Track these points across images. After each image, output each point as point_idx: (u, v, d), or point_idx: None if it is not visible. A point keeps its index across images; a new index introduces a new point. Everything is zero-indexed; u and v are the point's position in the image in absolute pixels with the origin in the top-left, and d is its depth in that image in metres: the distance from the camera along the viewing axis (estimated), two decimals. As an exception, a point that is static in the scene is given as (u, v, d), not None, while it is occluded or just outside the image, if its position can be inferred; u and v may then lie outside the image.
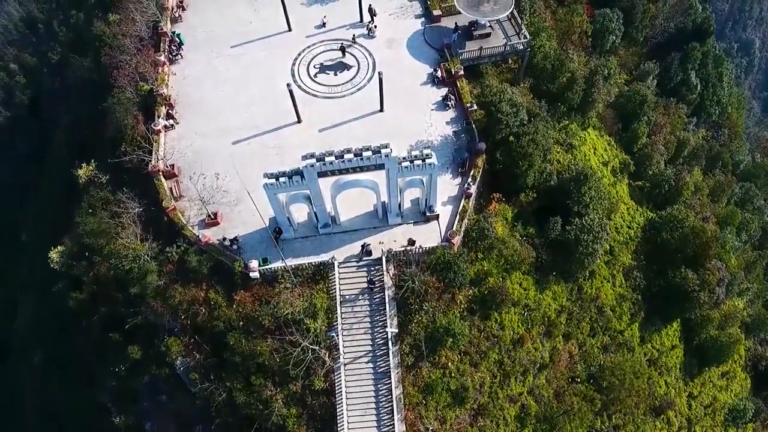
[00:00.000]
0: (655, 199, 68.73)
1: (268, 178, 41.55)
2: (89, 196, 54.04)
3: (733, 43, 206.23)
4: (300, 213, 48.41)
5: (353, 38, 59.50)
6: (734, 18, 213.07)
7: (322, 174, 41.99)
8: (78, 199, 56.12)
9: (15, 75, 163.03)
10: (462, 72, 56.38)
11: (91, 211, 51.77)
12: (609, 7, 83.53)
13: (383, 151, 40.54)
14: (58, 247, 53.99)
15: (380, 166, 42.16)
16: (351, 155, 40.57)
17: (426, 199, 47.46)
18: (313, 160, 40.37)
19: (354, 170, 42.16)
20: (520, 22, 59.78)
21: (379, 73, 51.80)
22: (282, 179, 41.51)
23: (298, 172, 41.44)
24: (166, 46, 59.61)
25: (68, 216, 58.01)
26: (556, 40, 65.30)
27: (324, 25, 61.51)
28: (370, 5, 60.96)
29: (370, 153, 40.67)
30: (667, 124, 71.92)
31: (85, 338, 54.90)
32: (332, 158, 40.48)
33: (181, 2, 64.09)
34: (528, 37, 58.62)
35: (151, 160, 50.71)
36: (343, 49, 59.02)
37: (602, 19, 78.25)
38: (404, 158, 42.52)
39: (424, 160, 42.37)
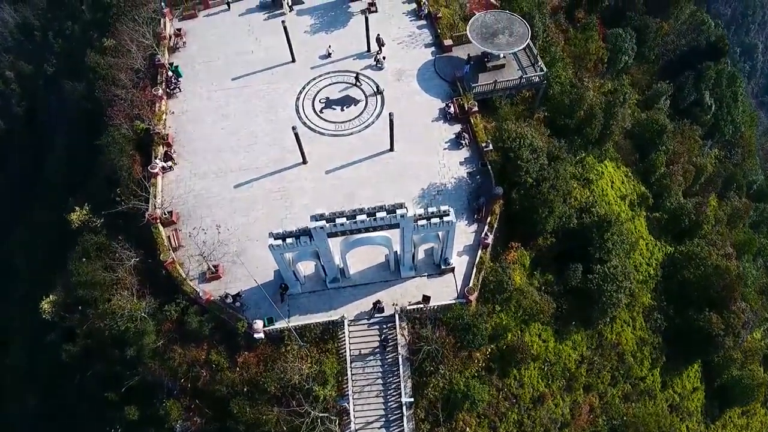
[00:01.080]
0: (672, 231, 65.46)
1: (274, 239, 38.14)
2: (83, 240, 50.62)
3: (735, 47, 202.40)
4: (307, 265, 45.02)
5: (357, 77, 55.77)
6: (737, 22, 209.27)
7: (332, 234, 38.55)
8: (72, 236, 52.59)
9: (11, 83, 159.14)
10: (476, 108, 52.96)
11: (84, 260, 48.34)
12: (621, 26, 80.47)
13: (398, 211, 37.16)
14: (50, 297, 50.55)
15: (394, 225, 38.75)
16: (364, 216, 37.20)
17: (441, 252, 44.08)
18: (323, 222, 36.95)
19: (366, 230, 38.70)
20: (535, 52, 56.35)
21: (389, 114, 48.32)
22: (289, 240, 38.04)
23: (307, 233, 38.06)
24: (164, 80, 56.00)
25: (62, 247, 54.47)
26: (572, 67, 61.87)
27: (329, 55, 58.02)
28: (378, 35, 57.51)
29: (384, 213, 37.30)
30: (684, 152, 68.56)
31: (79, 393, 51.49)
32: (343, 219, 37.03)
33: (179, 30, 60.50)
34: (544, 69, 55.20)
35: (147, 208, 47.05)
36: (357, 78, 55.50)
37: (615, 40, 75.21)
38: (420, 215, 39.10)
39: (441, 218, 38.98)
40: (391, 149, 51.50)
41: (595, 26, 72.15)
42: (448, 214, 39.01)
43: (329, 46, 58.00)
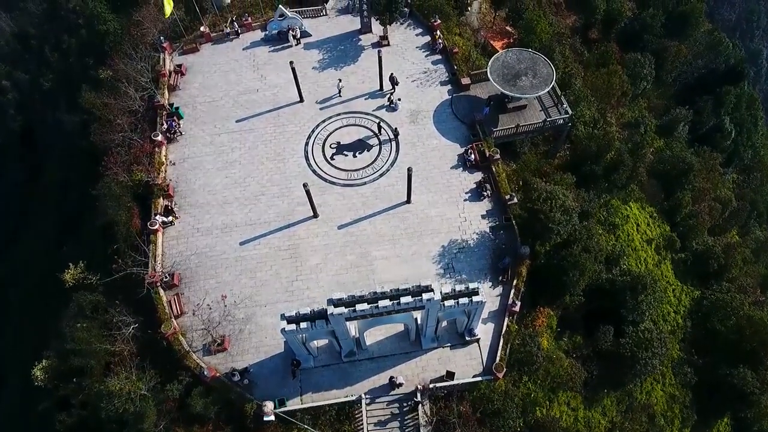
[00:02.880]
0: (699, 272, 61.56)
1: (287, 323, 34.11)
2: (78, 298, 46.51)
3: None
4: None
5: (379, 126, 51.76)
6: (741, 28, 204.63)
7: (351, 318, 34.55)
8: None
9: (8, 92, 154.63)
10: (498, 156, 48.89)
11: (79, 324, 44.25)
12: (638, 48, 76.60)
13: (425, 295, 33.11)
14: (43, 362, 46.37)
15: (419, 308, 34.77)
16: (387, 301, 33.16)
17: (466, 323, 40.11)
18: (342, 308, 32.89)
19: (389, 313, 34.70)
20: (559, 92, 52.24)
21: (408, 169, 44.24)
22: (303, 324, 34.02)
23: (323, 315, 34.02)
24: (163, 121, 51.79)
25: (54, 278, 50.11)
26: (594, 102, 57.81)
27: (339, 92, 53.76)
28: (391, 74, 53.32)
29: (409, 298, 33.25)
30: (710, 189, 64.62)
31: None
32: (364, 305, 32.99)
33: (179, 67, 56.20)
34: (569, 111, 51.15)
35: (147, 273, 42.96)
36: (380, 128, 51.51)
37: (633, 65, 71.27)
38: (447, 295, 35.09)
39: (470, 297, 34.97)
40: (408, 201, 47.39)
41: (613, 56, 68.10)
42: (477, 293, 35.05)
43: (339, 82, 53.70)
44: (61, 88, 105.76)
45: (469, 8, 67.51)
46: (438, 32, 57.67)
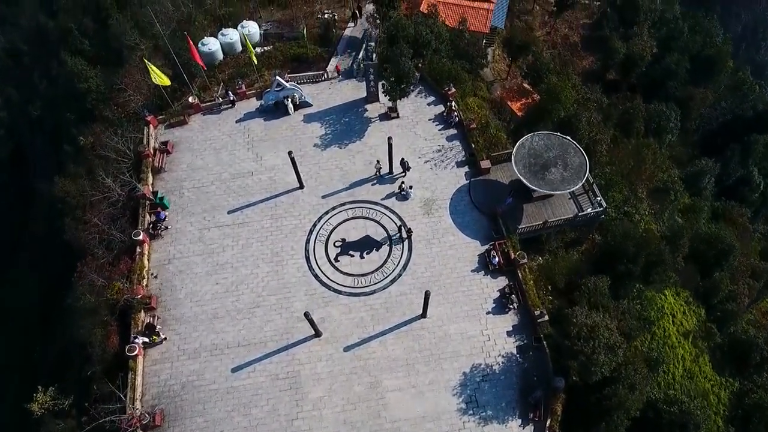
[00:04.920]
0: (736, 360, 55.01)
1: None
2: (47, 426, 40.01)
3: (746, 65, 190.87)
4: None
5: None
6: (747, 40, 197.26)
7: None
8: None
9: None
10: (524, 260, 42.10)
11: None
12: (661, 95, 70.04)
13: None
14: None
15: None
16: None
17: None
18: None
19: None
20: (591, 179, 45.48)
21: (426, 293, 37.54)
22: None
23: None
24: (146, 215, 44.95)
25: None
26: (626, 185, 51.06)
27: (378, 172, 47.09)
28: (402, 159, 46.49)
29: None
30: (748, 268, 57.98)
31: None
32: None
33: (165, 145, 49.20)
34: (603, 204, 44.41)
35: (123, 418, 36.24)
36: (403, 231, 44.85)
37: (658, 118, 64.60)
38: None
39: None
40: (424, 315, 40.67)
41: (639, 114, 61.20)
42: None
43: (377, 162, 47.12)
44: (50, 117, 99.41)
45: (483, 61, 60.77)
46: (453, 103, 50.55)
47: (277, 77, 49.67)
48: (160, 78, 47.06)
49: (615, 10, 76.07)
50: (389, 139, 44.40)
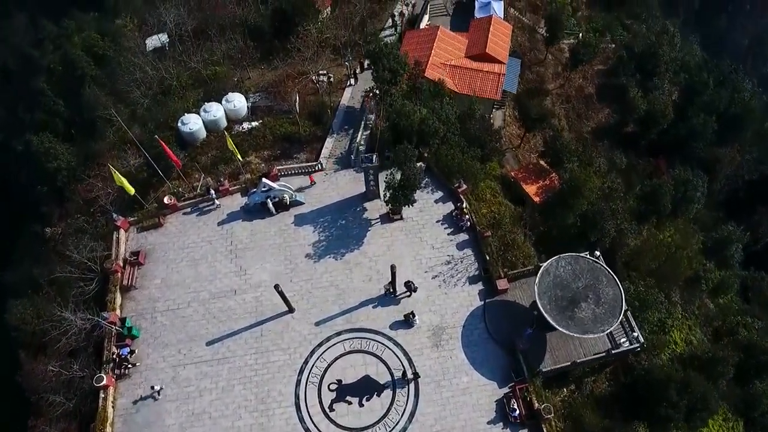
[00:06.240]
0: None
1: None
2: None
3: (753, 78, 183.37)
4: None
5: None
6: (753, 53, 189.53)
7: None
8: None
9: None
10: (550, 414, 35.28)
11: None
12: (685, 156, 63.29)
13: None
14: None
15: None
16: None
17: None
18: None
19: None
20: (628, 312, 38.60)
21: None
22: None
23: None
24: (111, 348, 38.08)
25: None
26: (664, 304, 44.24)
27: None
28: (407, 282, 39.73)
29: None
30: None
31: None
32: None
33: (136, 256, 42.22)
34: (642, 340, 37.59)
35: None
36: (406, 374, 38.04)
37: (684, 187, 57.61)
38: None
39: None
40: (433, 484, 33.92)
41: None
42: None
43: (403, 288, 40.14)
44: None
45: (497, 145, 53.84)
46: (464, 204, 43.58)
47: (264, 180, 42.66)
48: (126, 188, 40.11)
49: (633, 57, 69.06)
50: (392, 267, 37.62)
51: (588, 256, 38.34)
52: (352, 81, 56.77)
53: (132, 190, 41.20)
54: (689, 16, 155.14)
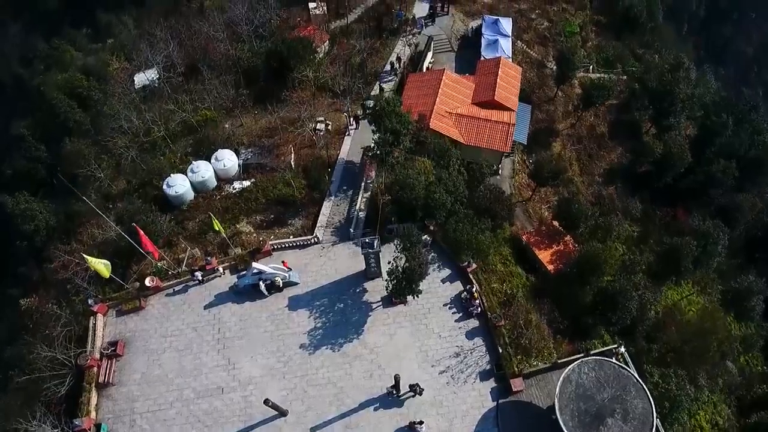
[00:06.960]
0: None
1: None
2: None
3: (759, 87, 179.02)
4: None
5: None
6: (758, 63, 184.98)
7: None
8: None
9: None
10: None
11: None
12: (703, 203, 59.58)
13: None
14: None
15: None
16: None
17: None
18: None
19: None
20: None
21: None
22: None
23: None
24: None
25: None
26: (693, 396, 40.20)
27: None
28: (413, 385, 35.40)
29: None
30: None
31: None
32: None
33: (114, 347, 37.95)
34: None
35: None
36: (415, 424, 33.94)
37: (705, 241, 53.55)
38: None
39: None
40: None
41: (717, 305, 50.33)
42: None
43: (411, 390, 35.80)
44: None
45: (499, 176, 50.21)
46: (475, 287, 39.31)
47: (255, 264, 38.36)
48: (101, 272, 35.87)
49: (646, 90, 64.96)
50: (396, 377, 33.36)
51: (613, 362, 33.99)
52: (352, 127, 52.61)
53: (107, 274, 36.96)
54: (694, 22, 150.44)
